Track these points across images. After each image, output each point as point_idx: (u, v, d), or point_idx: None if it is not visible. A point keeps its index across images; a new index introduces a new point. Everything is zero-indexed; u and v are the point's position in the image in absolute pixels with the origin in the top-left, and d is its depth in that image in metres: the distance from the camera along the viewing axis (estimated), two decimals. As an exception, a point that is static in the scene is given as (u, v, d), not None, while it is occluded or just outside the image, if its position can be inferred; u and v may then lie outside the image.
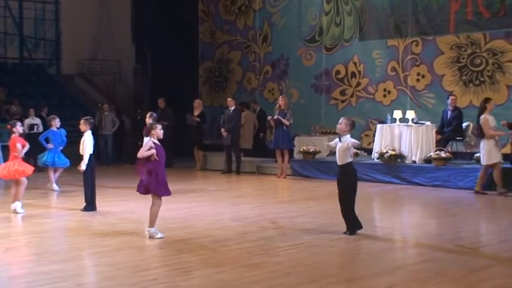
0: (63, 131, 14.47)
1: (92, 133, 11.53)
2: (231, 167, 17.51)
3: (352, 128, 9.25)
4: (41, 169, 15.11)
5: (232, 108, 17.66)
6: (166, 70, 22.09)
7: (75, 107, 23.10)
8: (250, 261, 7.52)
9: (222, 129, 17.48)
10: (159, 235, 8.82)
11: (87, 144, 11.23)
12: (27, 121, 19.12)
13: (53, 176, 14.18)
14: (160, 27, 22.59)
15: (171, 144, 18.67)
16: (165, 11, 22.45)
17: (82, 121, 11.40)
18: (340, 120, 9.26)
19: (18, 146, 11.32)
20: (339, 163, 9.30)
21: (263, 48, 20.92)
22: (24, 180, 11.34)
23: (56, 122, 14.37)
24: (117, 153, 20.93)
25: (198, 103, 18.94)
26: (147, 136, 9.00)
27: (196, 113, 18.62)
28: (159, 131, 8.91)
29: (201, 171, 18.23)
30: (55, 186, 14.06)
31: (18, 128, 11.51)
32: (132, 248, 8.36)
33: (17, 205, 11.17)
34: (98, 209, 11.37)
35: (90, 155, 11.30)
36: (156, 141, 8.85)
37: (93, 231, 9.61)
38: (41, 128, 18.89)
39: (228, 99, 18.00)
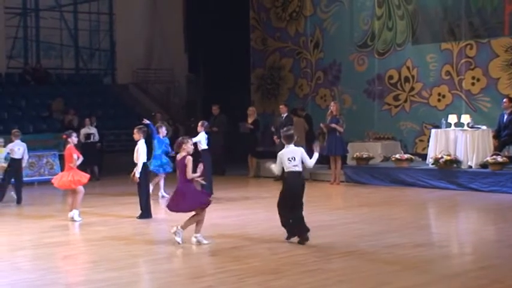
0: (166, 139, 14.60)
1: (146, 141, 11.67)
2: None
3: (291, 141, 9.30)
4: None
5: (285, 115, 17.66)
6: (219, 78, 22.25)
7: (130, 116, 23.43)
8: (304, 268, 7.51)
9: (275, 137, 17.49)
10: (206, 241, 8.87)
11: (140, 153, 11.36)
12: (83, 131, 19.47)
13: (162, 183, 14.29)
14: (212, 35, 22.77)
15: (224, 152, 18.83)
16: (217, 19, 22.63)
17: (135, 130, 11.54)
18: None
19: (75, 156, 11.54)
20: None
21: (315, 54, 20.89)
22: (81, 188, 11.55)
23: (163, 130, 14.50)
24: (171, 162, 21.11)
25: (252, 110, 19.01)
26: (177, 152, 8.99)
27: (250, 120, 18.69)
28: (190, 146, 8.95)
29: (255, 179, 18.26)
30: (163, 193, 14.24)
31: (74, 139, 11.72)
32: (187, 255, 8.44)
33: (75, 213, 11.40)
34: (153, 216, 11.50)
35: (144, 163, 11.45)
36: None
37: (149, 238, 9.74)
38: (97, 137, 19.24)
39: (280, 106, 18.02)
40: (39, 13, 26.64)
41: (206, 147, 14.05)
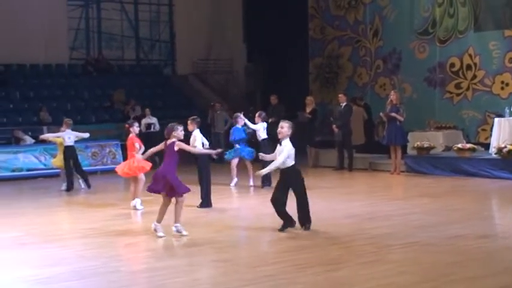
0: (244, 128, 14.77)
1: (202, 131, 11.76)
2: (343, 164, 17.39)
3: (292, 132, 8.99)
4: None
5: (344, 104, 17.54)
6: (277, 68, 22.24)
7: (190, 107, 23.64)
8: (364, 259, 7.47)
9: (334, 126, 17.41)
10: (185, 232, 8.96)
11: (193, 143, 11.51)
12: (144, 121, 19.80)
13: (251, 171, 14.33)
14: (270, 25, 22.77)
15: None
16: (275, 8, 22.61)
17: (189, 121, 11.62)
18: (281, 124, 9.01)
19: (137, 145, 11.72)
20: (281, 167, 8.95)
21: (374, 42, 20.68)
22: (142, 177, 11.74)
23: (240, 120, 14.63)
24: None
25: (310, 100, 18.94)
26: (168, 138, 8.96)
27: (308, 110, 18.63)
28: (180, 132, 8.96)
29: (313, 168, 18.21)
30: (251, 182, 14.36)
31: (135, 128, 11.91)
32: (247, 244, 8.51)
33: (137, 202, 11.61)
34: (213, 205, 11.61)
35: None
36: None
37: (209, 227, 9.84)
38: (157, 127, 19.50)
39: (339, 95, 17.90)
40: (100, 4, 27.07)
41: (266, 136, 14.12)
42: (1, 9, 23.40)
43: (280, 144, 8.92)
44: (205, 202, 11.60)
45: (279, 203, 9.01)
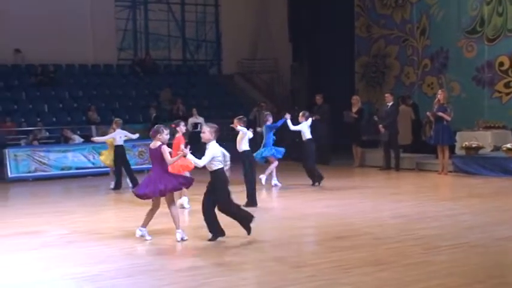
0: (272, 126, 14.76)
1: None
2: (390, 164, 17.23)
3: (217, 135, 8.74)
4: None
5: (390, 103, 17.38)
6: (323, 67, 22.15)
7: (236, 106, 23.72)
8: (411, 259, 7.38)
9: (380, 125, 17.26)
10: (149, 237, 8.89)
11: (240, 142, 11.56)
12: (191, 120, 19.94)
13: (274, 171, 14.44)
14: (316, 24, 22.68)
15: (328, 142, 18.75)
16: (321, 7, 22.52)
17: (235, 120, 11.69)
18: (203, 129, 8.81)
19: (182, 146, 11.77)
20: (209, 170, 8.68)
21: (421, 41, 20.42)
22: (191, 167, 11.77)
23: (269, 118, 14.63)
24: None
25: (356, 99, 18.82)
26: (153, 138, 8.83)
27: (354, 109, 18.52)
28: (165, 136, 8.82)
29: (360, 168, 18.09)
30: (276, 181, 14.42)
31: (182, 128, 11.95)
32: (291, 243, 8.47)
33: (184, 200, 11.67)
34: (258, 204, 11.61)
35: (248, 151, 11.60)
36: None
37: (254, 227, 9.83)
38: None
39: (386, 95, 17.74)
40: (147, 5, 27.38)
41: (310, 136, 14.08)
42: (52, 11, 23.85)
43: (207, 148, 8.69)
44: (251, 201, 11.60)
45: (204, 209, 8.77)
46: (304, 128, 14.12)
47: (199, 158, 8.61)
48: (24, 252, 8.41)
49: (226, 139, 14.66)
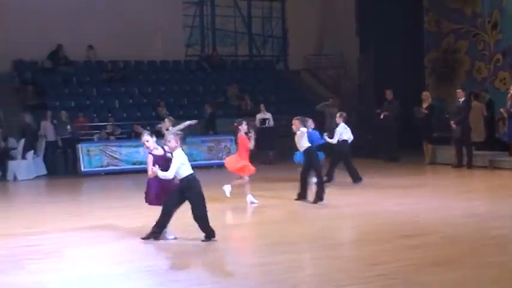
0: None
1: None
2: (462, 161, 16.88)
3: (183, 142, 8.55)
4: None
5: (462, 99, 17.06)
6: (391, 62, 21.89)
7: (303, 102, 23.70)
8: (484, 259, 7.24)
9: (452, 122, 16.95)
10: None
11: (299, 141, 11.65)
12: (259, 116, 20.04)
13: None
14: (383, 18, 22.43)
15: (398, 138, 18.56)
16: (389, 1, 22.26)
17: (296, 120, 11.72)
18: (168, 138, 8.61)
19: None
20: (178, 177, 8.46)
21: (493, 35, 19.96)
22: (246, 178, 11.85)
23: (310, 124, 14.67)
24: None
25: (426, 95, 18.53)
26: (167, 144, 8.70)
27: (424, 105, 18.22)
28: (149, 144, 8.78)
29: (430, 165, 17.80)
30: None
31: (244, 127, 11.98)
32: (358, 241, 8.44)
33: (249, 197, 11.76)
34: (325, 201, 11.60)
35: (310, 147, 11.71)
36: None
37: (322, 223, 9.85)
38: (272, 123, 19.71)
39: (458, 91, 17.41)
40: (214, 1, 27.59)
41: (345, 138, 13.96)
42: (121, 9, 24.32)
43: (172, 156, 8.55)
44: (319, 197, 11.60)
45: (164, 209, 8.62)
46: (341, 130, 14.01)
47: (271, 149, 8.70)
48: (97, 246, 8.62)
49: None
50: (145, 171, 15.63)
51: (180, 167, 8.40)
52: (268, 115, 20.06)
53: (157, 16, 25.22)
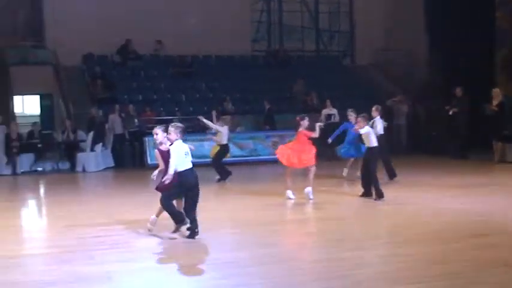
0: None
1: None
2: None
3: (183, 134, 8.60)
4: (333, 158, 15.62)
5: (534, 97, 16.56)
6: (460, 58, 21.42)
7: (370, 97, 23.42)
8: (557, 261, 7.03)
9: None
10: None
11: (368, 138, 11.56)
12: (325, 111, 19.94)
13: (349, 165, 14.60)
14: (453, 12, 21.96)
15: (466, 135, 18.15)
16: (459, -3, 21.81)
17: (360, 118, 11.68)
18: (169, 130, 8.60)
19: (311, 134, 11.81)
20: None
21: None
22: (313, 167, 11.80)
23: (352, 118, 14.59)
24: (412, 143, 20.84)
25: (496, 92, 18.04)
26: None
27: (494, 102, 17.75)
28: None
29: (499, 164, 17.35)
30: (345, 172, 14.56)
31: (305, 122, 11.89)
32: (426, 239, 8.28)
33: (309, 191, 11.70)
34: (387, 199, 11.46)
35: (377, 147, 11.64)
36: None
37: (383, 220, 9.74)
38: (337, 118, 19.58)
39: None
40: (282, -3, 27.58)
41: (382, 132, 13.71)
42: (190, 4, 24.53)
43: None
44: (378, 193, 11.51)
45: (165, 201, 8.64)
46: (378, 123, 13.71)
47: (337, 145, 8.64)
48: (162, 237, 8.70)
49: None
50: (209, 164, 16.00)
51: (180, 161, 8.47)
52: (334, 111, 19.93)
53: (225, 11, 25.33)
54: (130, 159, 20.14)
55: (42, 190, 15.96)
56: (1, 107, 20.78)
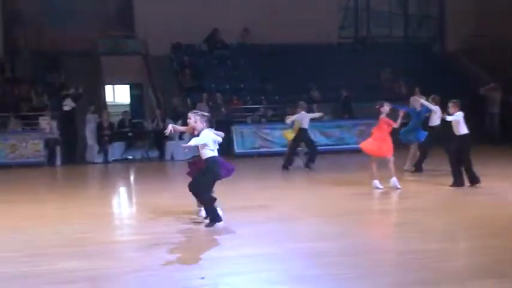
0: (424, 110, 14.27)
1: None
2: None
3: (208, 123, 8.89)
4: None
5: None
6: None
7: (460, 85, 22.83)
8: None
9: None
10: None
11: (458, 125, 11.31)
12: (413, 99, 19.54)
13: (411, 154, 14.20)
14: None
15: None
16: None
17: (452, 104, 11.48)
18: (195, 119, 8.93)
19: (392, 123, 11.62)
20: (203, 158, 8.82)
21: None
22: (391, 158, 11.63)
23: (416, 103, 14.21)
24: (504, 133, 20.24)
25: None
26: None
27: None
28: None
29: None
30: (407, 166, 14.12)
31: (385, 108, 11.75)
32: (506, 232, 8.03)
33: (395, 180, 11.52)
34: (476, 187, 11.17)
35: (468, 134, 11.35)
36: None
37: (478, 211, 9.48)
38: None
39: None
40: (369, -18, 27.19)
41: (438, 123, 13.29)
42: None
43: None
44: (457, 181, 11.25)
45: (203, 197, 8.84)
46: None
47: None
48: (253, 225, 8.78)
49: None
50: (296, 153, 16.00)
51: (204, 147, 8.77)
52: (423, 99, 19.49)
53: (312, -1, 25.19)
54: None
55: (132, 178, 16.38)
56: (93, 96, 21.41)
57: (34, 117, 19.50)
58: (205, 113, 9.27)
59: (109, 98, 24.53)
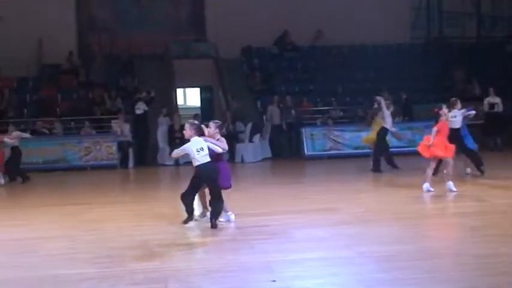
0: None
1: None
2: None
3: (198, 132, 9.04)
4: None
5: None
6: None
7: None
8: None
9: None
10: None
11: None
12: (487, 100, 19.17)
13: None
14: None
15: None
16: None
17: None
18: (185, 127, 9.18)
19: (434, 129, 11.38)
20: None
21: None
22: (450, 160, 11.37)
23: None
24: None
25: None
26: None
27: None
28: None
29: None
30: (467, 170, 13.78)
31: (444, 110, 11.59)
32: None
33: (450, 184, 11.33)
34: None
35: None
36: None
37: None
38: (500, 108, 18.73)
39: None
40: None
41: (458, 126, 12.79)
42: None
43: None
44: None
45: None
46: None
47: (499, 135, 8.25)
48: (319, 228, 8.73)
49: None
50: (366, 155, 15.91)
51: (193, 156, 8.91)
52: (497, 100, 19.07)
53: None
54: (288, 150, 20.39)
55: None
56: (165, 99, 21.76)
57: (107, 121, 19.96)
58: (195, 121, 9.54)
59: (180, 101, 24.88)
